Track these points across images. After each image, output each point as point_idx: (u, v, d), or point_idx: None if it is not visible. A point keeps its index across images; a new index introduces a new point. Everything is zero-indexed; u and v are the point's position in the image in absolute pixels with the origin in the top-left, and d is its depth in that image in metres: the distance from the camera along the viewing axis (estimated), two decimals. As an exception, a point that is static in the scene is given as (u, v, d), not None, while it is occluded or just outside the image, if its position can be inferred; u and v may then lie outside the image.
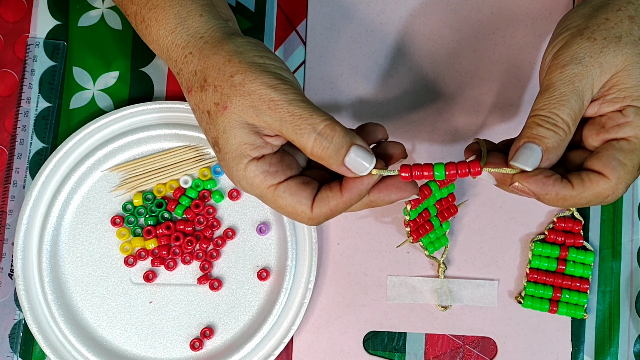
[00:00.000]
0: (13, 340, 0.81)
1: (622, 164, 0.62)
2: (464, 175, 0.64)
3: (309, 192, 0.63)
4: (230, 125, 0.62)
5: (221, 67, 0.62)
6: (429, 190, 0.76)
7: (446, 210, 0.79)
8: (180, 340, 0.81)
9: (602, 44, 0.63)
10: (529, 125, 0.63)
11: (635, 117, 0.63)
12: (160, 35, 0.66)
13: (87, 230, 0.82)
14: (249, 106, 0.61)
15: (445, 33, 0.85)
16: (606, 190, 0.62)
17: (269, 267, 0.82)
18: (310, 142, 0.61)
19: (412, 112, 0.84)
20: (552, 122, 0.62)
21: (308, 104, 0.61)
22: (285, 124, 0.60)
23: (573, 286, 0.80)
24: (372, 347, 0.82)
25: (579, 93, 0.63)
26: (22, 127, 0.83)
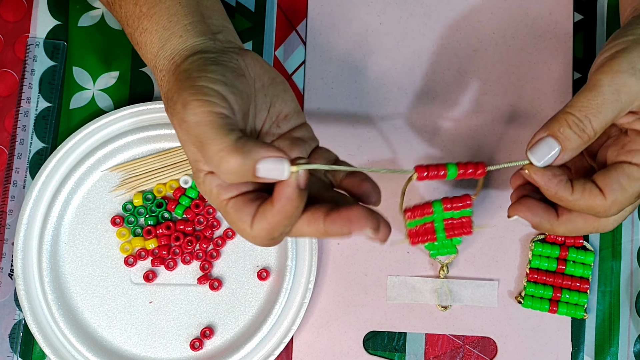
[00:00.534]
0: (13, 340, 0.81)
1: (623, 189, 0.62)
2: (470, 175, 0.65)
3: (252, 209, 0.60)
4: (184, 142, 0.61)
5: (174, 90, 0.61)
6: (430, 209, 0.71)
7: (457, 228, 0.73)
8: (180, 340, 0.81)
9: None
10: (559, 120, 0.62)
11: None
12: (148, 59, 0.67)
13: (87, 230, 0.82)
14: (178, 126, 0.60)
15: (445, 33, 0.85)
16: (599, 207, 0.63)
17: (269, 267, 0.82)
18: (213, 169, 0.59)
19: (412, 112, 0.84)
20: (581, 127, 0.61)
21: (210, 127, 0.58)
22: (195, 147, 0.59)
23: (573, 286, 0.80)
24: (372, 347, 0.82)
25: (620, 105, 0.61)
26: (22, 127, 0.83)
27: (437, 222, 0.72)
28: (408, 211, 0.70)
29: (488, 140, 0.83)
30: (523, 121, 0.83)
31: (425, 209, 0.70)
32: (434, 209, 0.70)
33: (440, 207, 0.70)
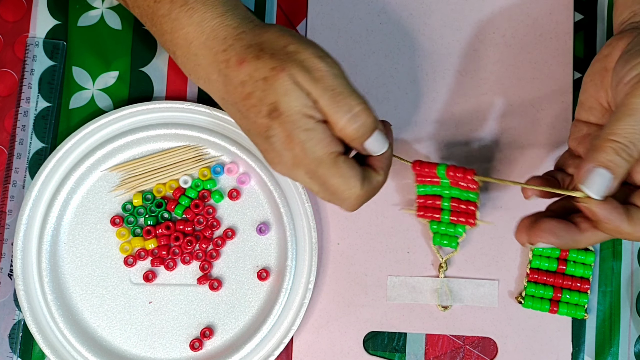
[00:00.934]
0: (12, 340, 0.81)
1: None
2: (460, 179, 0.74)
3: (360, 170, 0.66)
4: (290, 86, 0.63)
5: (274, 40, 0.65)
6: (437, 178, 0.76)
7: (462, 214, 0.78)
8: (180, 340, 0.81)
9: None
10: (605, 149, 0.60)
11: None
12: (207, 17, 0.67)
13: (87, 230, 0.82)
14: (304, 70, 0.63)
15: (445, 33, 0.85)
16: (626, 233, 0.61)
17: (268, 267, 0.81)
18: (344, 120, 0.63)
19: (412, 112, 0.84)
20: (629, 153, 0.59)
21: (348, 84, 0.64)
22: (326, 96, 0.63)
23: (573, 286, 0.80)
24: (372, 347, 0.82)
25: None
26: (21, 127, 0.83)
27: (445, 201, 0.78)
28: (417, 164, 0.75)
29: (488, 139, 0.83)
30: (523, 121, 0.83)
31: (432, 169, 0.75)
32: (438, 172, 0.74)
33: (443, 171, 0.74)
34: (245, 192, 0.83)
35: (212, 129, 0.82)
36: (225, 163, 0.82)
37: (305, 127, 0.63)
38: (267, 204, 0.82)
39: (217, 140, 0.82)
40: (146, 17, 0.72)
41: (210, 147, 0.82)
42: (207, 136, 0.82)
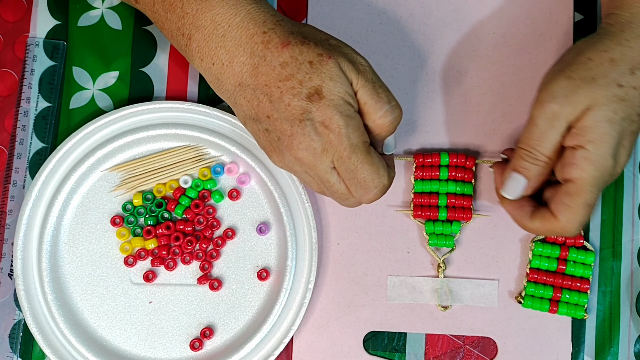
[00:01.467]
0: (13, 340, 0.81)
1: (568, 207, 0.69)
2: (462, 164, 0.80)
3: (382, 160, 0.71)
4: (336, 73, 0.66)
5: (315, 33, 0.69)
6: (436, 172, 0.80)
7: (458, 210, 0.80)
8: (180, 340, 0.81)
9: (577, 84, 0.68)
10: (516, 157, 0.72)
11: (581, 159, 0.67)
12: (242, 2, 0.69)
13: (87, 230, 0.82)
14: (348, 61, 0.68)
15: (445, 33, 0.85)
16: (557, 229, 0.70)
17: (269, 267, 0.81)
18: (382, 111, 0.69)
19: (412, 112, 0.84)
20: (533, 157, 0.70)
21: (382, 80, 0.70)
22: (367, 87, 0.68)
23: (573, 286, 0.80)
24: (372, 347, 0.82)
25: (556, 130, 0.68)
26: (21, 127, 0.83)
27: (441, 199, 0.80)
28: (418, 157, 0.80)
29: (488, 139, 0.83)
30: (523, 121, 0.83)
31: (434, 157, 0.80)
32: (441, 159, 0.80)
33: (446, 158, 0.80)
34: (246, 192, 0.83)
35: (212, 129, 0.82)
36: (225, 163, 0.82)
37: (345, 112, 0.67)
38: (267, 204, 0.82)
39: (217, 140, 0.82)
40: (161, 3, 0.72)
41: (211, 147, 0.82)
42: (207, 136, 0.82)
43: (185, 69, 0.84)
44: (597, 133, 0.67)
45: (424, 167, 0.81)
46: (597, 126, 0.67)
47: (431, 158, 0.80)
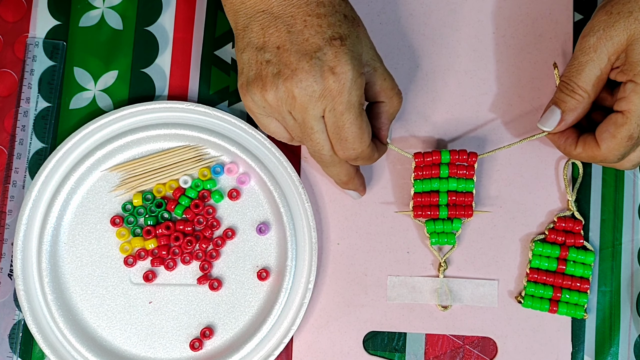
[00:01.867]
0: (12, 340, 0.81)
1: (612, 136, 0.71)
2: (463, 160, 0.78)
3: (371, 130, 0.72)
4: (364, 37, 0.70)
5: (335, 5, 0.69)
6: (436, 171, 0.79)
7: (459, 207, 0.80)
8: (180, 340, 0.81)
9: (616, 18, 0.70)
10: (557, 90, 0.74)
11: (631, 93, 0.70)
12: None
13: (87, 231, 0.82)
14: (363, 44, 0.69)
15: (445, 33, 0.85)
16: (598, 156, 0.72)
17: (268, 267, 0.81)
18: (396, 89, 0.72)
19: (412, 112, 0.84)
20: (571, 89, 0.72)
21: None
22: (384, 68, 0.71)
23: (573, 286, 0.80)
24: (372, 347, 0.82)
25: (595, 62, 0.71)
26: (21, 127, 0.83)
27: (442, 196, 0.79)
28: (418, 156, 0.79)
29: (488, 139, 0.83)
30: (523, 120, 0.83)
31: (434, 155, 0.78)
32: (442, 157, 0.78)
33: (447, 156, 0.78)
34: (245, 192, 0.83)
35: (212, 129, 0.82)
36: (225, 163, 0.82)
37: (357, 68, 0.67)
38: (267, 204, 0.82)
39: (217, 140, 0.82)
40: None
41: (210, 147, 0.82)
42: (207, 136, 0.82)
43: (186, 70, 0.84)
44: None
45: (423, 166, 0.79)
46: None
47: (431, 157, 0.79)
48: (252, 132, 0.81)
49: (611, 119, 0.71)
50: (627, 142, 0.70)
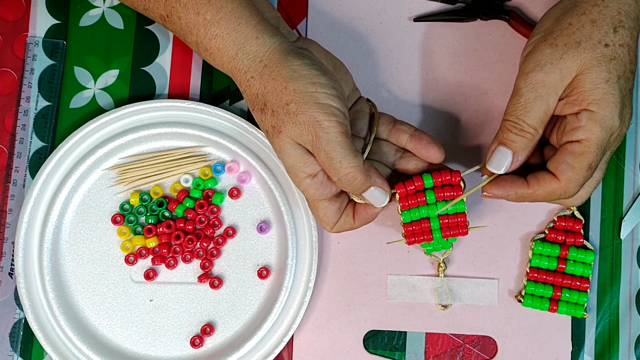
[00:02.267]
0: (13, 339, 0.81)
1: (571, 167, 0.68)
2: (447, 181, 0.74)
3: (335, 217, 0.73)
4: (284, 146, 0.70)
5: (279, 94, 0.69)
6: (423, 198, 0.74)
7: (453, 228, 0.76)
8: (181, 338, 0.81)
9: (563, 50, 0.68)
10: (502, 129, 0.70)
11: (587, 121, 0.67)
12: (224, 62, 0.72)
13: (88, 229, 0.82)
14: (298, 134, 0.69)
15: (445, 32, 0.85)
16: (557, 190, 0.69)
17: (269, 266, 0.82)
18: (335, 177, 0.70)
19: (412, 112, 0.84)
20: (520, 128, 0.69)
21: (342, 148, 0.68)
22: (321, 157, 0.69)
23: (573, 285, 0.80)
24: (373, 346, 0.82)
25: (543, 98, 0.68)
26: (21, 126, 0.83)
27: (433, 221, 0.75)
28: (400, 186, 0.74)
29: (488, 139, 0.83)
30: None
31: (416, 182, 0.74)
32: (424, 181, 0.74)
33: (430, 179, 0.74)
34: (246, 191, 0.83)
35: (213, 128, 0.82)
36: (226, 162, 0.82)
37: (294, 179, 0.71)
38: (267, 203, 0.82)
39: (218, 138, 0.82)
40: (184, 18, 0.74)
41: (211, 145, 0.82)
42: (208, 135, 0.82)
43: (187, 68, 0.84)
44: (598, 94, 0.67)
45: (408, 195, 0.74)
46: (596, 88, 0.67)
47: (413, 184, 0.74)
48: (252, 130, 0.81)
49: (567, 149, 0.68)
50: (586, 172, 0.68)
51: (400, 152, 0.76)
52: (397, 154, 0.76)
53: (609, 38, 0.67)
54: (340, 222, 0.74)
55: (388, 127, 0.76)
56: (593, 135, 0.67)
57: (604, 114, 0.67)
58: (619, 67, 0.67)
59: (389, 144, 0.76)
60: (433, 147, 0.74)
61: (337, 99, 0.70)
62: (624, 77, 0.68)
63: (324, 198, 0.72)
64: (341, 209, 0.74)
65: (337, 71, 0.75)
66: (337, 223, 0.74)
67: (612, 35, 0.67)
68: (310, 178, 0.70)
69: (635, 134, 0.84)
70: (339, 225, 0.74)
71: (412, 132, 0.75)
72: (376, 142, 0.76)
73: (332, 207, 0.73)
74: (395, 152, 0.76)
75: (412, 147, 0.75)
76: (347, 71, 0.76)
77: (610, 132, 0.67)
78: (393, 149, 0.76)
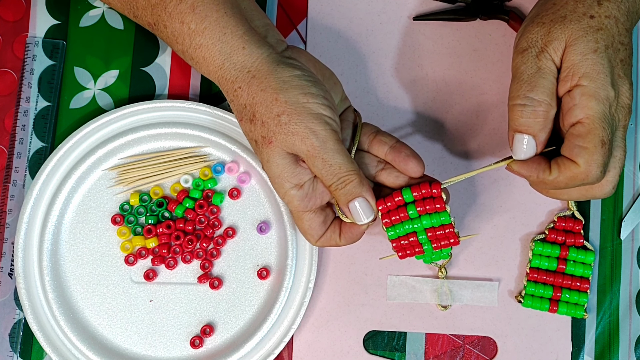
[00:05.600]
0: (13, 339, 0.81)
1: (584, 149, 0.65)
2: (428, 194, 0.71)
3: (321, 230, 0.73)
4: (273, 156, 0.70)
5: (269, 105, 0.69)
6: (404, 213, 0.72)
7: (442, 239, 0.73)
8: (181, 338, 0.81)
9: (550, 25, 0.68)
10: (512, 115, 0.68)
11: (581, 97, 0.66)
12: (210, 71, 0.72)
13: (88, 229, 0.82)
14: (291, 143, 0.68)
15: (445, 32, 0.85)
16: (579, 175, 0.66)
17: (269, 266, 0.82)
18: (330, 182, 0.70)
19: (413, 112, 0.84)
20: (531, 108, 0.67)
21: (339, 155, 0.69)
22: (317, 165, 0.69)
23: (573, 286, 0.80)
24: (372, 346, 0.82)
25: (544, 71, 0.67)
26: (21, 127, 0.83)
27: (420, 235, 0.73)
28: (380, 202, 0.72)
29: (488, 139, 0.83)
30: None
31: (396, 197, 0.72)
32: (404, 196, 0.72)
33: (409, 193, 0.72)
34: (246, 191, 0.83)
35: (212, 128, 0.82)
36: (225, 162, 0.82)
37: (279, 190, 0.71)
38: (267, 203, 0.82)
39: (217, 139, 0.82)
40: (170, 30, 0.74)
41: (211, 146, 0.82)
42: (208, 135, 0.82)
43: (187, 68, 0.84)
44: (586, 66, 0.66)
45: (389, 212, 0.72)
46: (584, 59, 0.66)
47: (392, 200, 0.72)
48: (252, 131, 0.81)
49: (572, 133, 0.66)
50: (601, 149, 0.65)
51: (382, 163, 0.75)
52: (379, 165, 0.75)
53: (594, 10, 0.67)
54: (325, 237, 0.74)
55: (369, 137, 0.75)
56: (591, 110, 0.65)
57: (595, 86, 0.65)
58: (607, 37, 0.67)
59: (370, 156, 0.75)
60: (411, 160, 0.73)
61: (329, 108, 0.70)
62: (613, 47, 0.67)
63: (308, 210, 0.72)
64: (326, 223, 0.74)
65: (327, 81, 0.75)
66: (323, 237, 0.74)
67: (596, 8, 0.67)
68: (297, 189, 0.70)
69: (635, 134, 0.84)
70: (324, 239, 0.74)
71: (392, 143, 0.74)
72: (358, 154, 0.75)
73: (316, 219, 0.73)
74: (376, 164, 0.75)
75: (391, 159, 0.74)
76: (337, 81, 0.76)
77: (608, 103, 0.66)
78: (375, 161, 0.75)
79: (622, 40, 0.68)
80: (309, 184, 0.71)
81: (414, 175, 0.73)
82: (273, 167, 0.70)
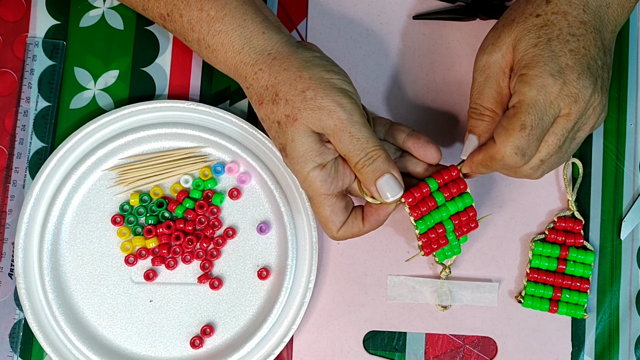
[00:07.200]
0: (13, 339, 0.81)
1: (505, 129, 0.68)
2: (450, 179, 0.74)
3: (343, 217, 0.72)
4: (298, 134, 0.69)
5: (292, 83, 0.69)
6: (433, 202, 0.73)
7: (465, 225, 0.76)
8: (181, 339, 0.81)
9: (500, 30, 0.71)
10: (468, 119, 0.74)
11: (518, 84, 0.68)
12: (228, 57, 0.73)
13: (88, 230, 0.82)
14: (317, 119, 0.69)
15: (445, 32, 0.85)
16: (496, 155, 0.69)
17: (269, 267, 0.82)
18: (358, 158, 0.69)
19: (413, 112, 0.84)
20: (479, 112, 0.72)
21: (366, 129, 0.69)
22: (344, 140, 0.69)
23: (573, 286, 0.80)
24: (372, 346, 0.82)
25: (492, 79, 0.71)
26: (21, 127, 0.83)
27: (446, 223, 0.74)
28: (408, 195, 0.72)
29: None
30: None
31: (423, 188, 0.73)
32: (429, 185, 0.73)
33: (434, 182, 0.73)
34: (246, 192, 0.83)
35: (212, 128, 0.82)
36: (225, 162, 0.82)
37: (302, 170, 0.70)
38: (267, 203, 0.82)
39: (217, 139, 0.82)
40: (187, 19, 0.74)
41: (211, 146, 0.82)
42: (208, 135, 0.82)
43: (187, 69, 0.84)
44: (527, 58, 0.68)
45: (417, 204, 0.73)
46: (525, 54, 0.68)
47: (420, 191, 0.73)
48: (252, 131, 0.81)
49: (505, 115, 0.69)
50: (519, 132, 0.66)
51: (399, 152, 0.76)
52: (396, 153, 0.76)
53: (541, 9, 0.70)
54: (347, 225, 0.73)
55: (385, 127, 0.76)
56: (523, 95, 0.67)
57: (532, 73, 0.67)
58: (553, 31, 0.68)
59: (387, 144, 0.76)
60: (431, 146, 0.74)
61: (351, 84, 0.71)
62: (559, 39, 0.68)
63: (330, 193, 0.71)
64: (348, 209, 0.73)
65: None
66: (344, 225, 0.73)
67: (544, 6, 0.70)
68: (319, 169, 0.70)
69: (635, 134, 0.84)
70: (345, 228, 0.73)
71: (409, 131, 0.75)
72: None
73: (339, 204, 0.72)
74: (394, 152, 0.76)
75: (409, 145, 0.75)
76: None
77: (544, 90, 0.67)
78: (392, 149, 0.76)
79: (573, 32, 0.69)
80: (331, 165, 0.71)
81: (433, 162, 0.75)
82: (298, 145, 0.70)
